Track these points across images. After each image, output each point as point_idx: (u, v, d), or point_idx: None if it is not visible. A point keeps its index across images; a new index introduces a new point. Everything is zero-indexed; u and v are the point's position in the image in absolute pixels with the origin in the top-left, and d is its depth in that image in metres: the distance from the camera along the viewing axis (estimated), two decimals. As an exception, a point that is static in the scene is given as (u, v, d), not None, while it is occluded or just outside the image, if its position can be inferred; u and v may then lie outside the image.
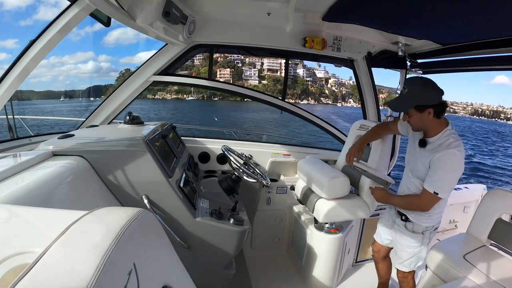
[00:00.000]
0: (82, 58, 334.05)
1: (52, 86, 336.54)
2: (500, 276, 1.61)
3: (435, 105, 1.37)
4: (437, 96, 1.38)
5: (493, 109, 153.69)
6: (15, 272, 0.50)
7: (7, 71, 1.35)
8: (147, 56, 2.53)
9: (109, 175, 1.25)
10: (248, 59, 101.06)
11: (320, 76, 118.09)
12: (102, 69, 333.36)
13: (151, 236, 0.64)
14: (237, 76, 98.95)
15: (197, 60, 52.14)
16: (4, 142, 1.56)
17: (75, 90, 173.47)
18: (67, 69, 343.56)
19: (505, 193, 1.94)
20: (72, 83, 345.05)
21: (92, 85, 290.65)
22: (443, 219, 2.91)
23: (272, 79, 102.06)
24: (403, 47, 2.24)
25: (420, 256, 1.62)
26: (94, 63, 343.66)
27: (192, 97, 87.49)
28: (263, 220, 2.46)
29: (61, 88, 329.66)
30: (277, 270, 2.30)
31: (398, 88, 2.47)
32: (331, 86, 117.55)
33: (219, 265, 1.48)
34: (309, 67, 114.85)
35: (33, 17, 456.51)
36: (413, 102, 1.38)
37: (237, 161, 1.79)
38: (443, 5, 1.33)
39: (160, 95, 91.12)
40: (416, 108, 1.39)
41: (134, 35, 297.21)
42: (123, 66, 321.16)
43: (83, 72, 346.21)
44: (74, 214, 0.56)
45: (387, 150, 2.03)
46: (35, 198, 0.88)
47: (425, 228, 1.57)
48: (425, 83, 1.40)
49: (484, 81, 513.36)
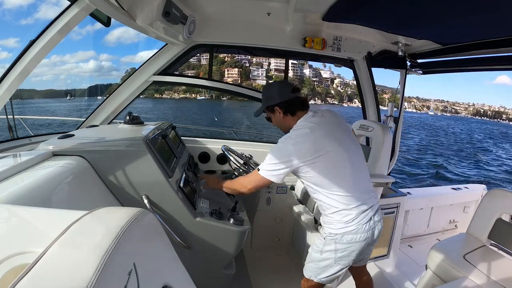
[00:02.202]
0: (83, 57, 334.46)
1: (54, 85, 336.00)
2: (500, 276, 1.61)
3: (280, 103, 1.38)
4: (281, 94, 1.38)
5: (495, 109, 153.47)
6: (15, 272, 0.50)
7: (7, 70, 1.35)
8: (148, 55, 2.52)
9: (109, 175, 1.25)
10: (256, 59, 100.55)
11: (326, 76, 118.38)
12: (103, 68, 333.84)
13: (151, 236, 0.64)
14: (245, 76, 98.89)
15: (203, 59, 52.66)
16: (4, 142, 1.56)
17: (76, 89, 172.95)
18: (68, 68, 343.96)
19: (505, 193, 1.94)
20: (74, 82, 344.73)
21: (100, 83, 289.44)
22: (443, 219, 2.94)
23: (280, 79, 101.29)
24: (403, 47, 2.24)
25: (323, 267, 1.37)
26: (95, 62, 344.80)
27: (203, 96, 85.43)
28: (263, 220, 2.46)
29: (62, 87, 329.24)
30: (277, 270, 2.29)
31: (398, 88, 2.47)
32: (337, 86, 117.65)
33: (219, 265, 1.48)
34: (315, 67, 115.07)
35: (34, 16, 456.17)
36: (263, 105, 1.47)
37: (237, 161, 1.79)
38: (443, 5, 1.33)
39: (168, 94, 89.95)
40: (269, 110, 1.44)
41: (135, 34, 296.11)
42: (124, 65, 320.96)
43: (84, 71, 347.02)
44: (74, 214, 0.56)
45: (387, 150, 2.03)
46: (35, 198, 0.88)
47: (328, 234, 1.34)
48: (268, 85, 1.51)
49: (486, 81, 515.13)
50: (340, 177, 1.28)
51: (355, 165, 1.33)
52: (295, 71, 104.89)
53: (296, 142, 1.26)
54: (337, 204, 1.28)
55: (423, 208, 2.76)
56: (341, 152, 1.29)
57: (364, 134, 2.23)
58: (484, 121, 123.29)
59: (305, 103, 1.41)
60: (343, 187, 1.27)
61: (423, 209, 2.77)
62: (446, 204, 2.87)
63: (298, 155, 1.24)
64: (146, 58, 2.84)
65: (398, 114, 2.48)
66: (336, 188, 1.27)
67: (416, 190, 3.01)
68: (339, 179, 1.28)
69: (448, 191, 2.96)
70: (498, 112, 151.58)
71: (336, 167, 1.28)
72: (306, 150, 1.25)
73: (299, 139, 1.27)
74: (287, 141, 1.28)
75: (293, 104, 1.38)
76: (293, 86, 1.42)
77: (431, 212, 2.83)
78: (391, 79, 2.92)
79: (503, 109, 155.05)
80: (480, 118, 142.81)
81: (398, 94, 2.45)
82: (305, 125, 1.31)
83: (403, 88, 2.43)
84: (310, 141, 1.26)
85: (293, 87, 1.42)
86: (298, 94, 1.41)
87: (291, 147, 1.26)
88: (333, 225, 1.32)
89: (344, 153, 1.30)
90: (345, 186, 1.28)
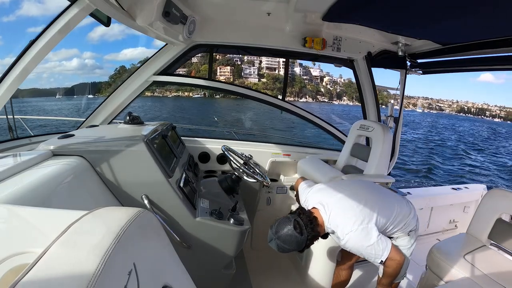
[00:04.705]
0: (66, 55, 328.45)
1: (37, 83, 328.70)
2: (500, 276, 1.61)
3: (308, 240, 1.35)
4: (298, 244, 1.34)
5: (479, 106, 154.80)
6: (15, 272, 0.50)
7: (7, 71, 1.35)
8: (132, 53, 2.47)
9: (109, 175, 1.25)
10: (247, 57, 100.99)
11: (316, 74, 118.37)
12: (86, 66, 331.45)
13: (151, 236, 0.64)
14: (237, 74, 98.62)
15: (195, 57, 51.34)
16: (4, 142, 1.56)
17: (60, 88, 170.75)
18: (51, 66, 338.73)
19: (505, 193, 1.94)
20: (57, 81, 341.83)
21: (84, 82, 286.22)
22: (443, 219, 2.94)
23: (271, 77, 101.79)
24: (403, 47, 2.24)
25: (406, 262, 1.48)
26: (78, 60, 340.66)
27: (198, 95, 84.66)
28: (263, 220, 2.46)
29: (45, 85, 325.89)
30: (277, 270, 2.29)
31: (398, 88, 2.47)
32: (326, 84, 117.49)
33: (219, 265, 1.48)
34: (305, 65, 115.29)
35: (16, 13, 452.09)
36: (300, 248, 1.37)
37: (237, 161, 1.79)
38: (443, 5, 1.33)
39: (160, 92, 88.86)
40: (308, 244, 1.39)
41: (119, 31, 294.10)
42: (107, 62, 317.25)
43: (67, 69, 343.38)
44: (74, 214, 0.56)
45: (387, 150, 2.03)
46: (35, 198, 0.88)
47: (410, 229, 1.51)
48: (285, 242, 1.36)
49: (470, 79, 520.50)
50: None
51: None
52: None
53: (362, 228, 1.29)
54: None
55: (423, 208, 2.77)
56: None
57: (364, 134, 2.23)
58: (475, 119, 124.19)
59: (311, 218, 1.36)
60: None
61: (423, 209, 2.77)
62: (446, 204, 2.87)
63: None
64: (129, 55, 2.83)
65: (398, 114, 2.48)
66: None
67: (416, 190, 3.01)
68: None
69: (448, 191, 2.96)
70: (482, 109, 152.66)
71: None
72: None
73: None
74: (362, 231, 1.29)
75: (314, 237, 1.37)
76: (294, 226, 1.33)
77: (431, 212, 2.83)
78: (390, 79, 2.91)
79: (486, 106, 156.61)
80: (464, 115, 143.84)
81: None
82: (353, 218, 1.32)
83: (403, 88, 2.43)
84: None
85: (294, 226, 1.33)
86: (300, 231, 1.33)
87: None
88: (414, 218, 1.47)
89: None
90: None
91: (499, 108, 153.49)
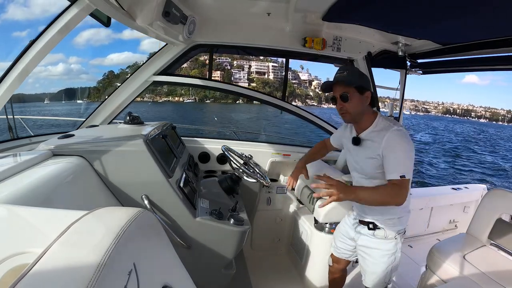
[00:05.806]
0: (52, 59, 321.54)
1: (23, 89, 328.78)
2: (500, 276, 1.61)
3: (371, 92, 1.32)
4: (370, 86, 1.34)
5: (464, 107, 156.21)
6: (15, 272, 0.50)
7: (7, 71, 1.35)
8: (118, 58, 2.44)
9: (109, 175, 1.25)
10: (236, 62, 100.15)
11: (304, 78, 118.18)
12: (72, 71, 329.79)
13: (151, 236, 0.64)
14: (227, 79, 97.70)
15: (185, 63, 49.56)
16: (4, 142, 1.56)
17: (46, 93, 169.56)
18: (37, 71, 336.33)
19: (505, 193, 1.94)
20: (42, 86, 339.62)
21: (70, 87, 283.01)
22: (443, 219, 2.94)
23: (261, 81, 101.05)
24: (403, 47, 2.24)
25: (394, 266, 1.43)
26: (64, 65, 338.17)
27: (190, 100, 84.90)
28: (263, 220, 2.46)
29: (31, 91, 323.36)
30: (277, 270, 2.29)
31: (398, 88, 2.47)
32: (315, 88, 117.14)
33: (219, 265, 1.47)
34: (293, 69, 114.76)
35: (1, 16, 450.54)
36: (355, 82, 1.28)
37: (237, 161, 1.79)
38: (443, 5, 1.33)
39: (150, 97, 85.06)
40: (358, 89, 1.28)
41: (105, 35, 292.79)
42: (93, 67, 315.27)
43: (53, 74, 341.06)
44: (74, 214, 0.56)
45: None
46: (35, 198, 0.88)
47: (397, 232, 1.39)
48: (359, 71, 1.44)
49: (456, 80, 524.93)
50: None
51: None
52: (276, 73, 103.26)
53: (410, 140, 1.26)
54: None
55: (423, 208, 2.77)
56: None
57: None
58: (461, 120, 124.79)
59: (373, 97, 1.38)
60: None
61: (423, 209, 2.77)
62: (446, 204, 2.87)
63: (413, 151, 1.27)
64: (116, 60, 2.83)
65: (398, 115, 2.49)
66: None
67: (416, 190, 3.01)
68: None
69: (448, 191, 2.96)
70: (467, 110, 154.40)
71: None
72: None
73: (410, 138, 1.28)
74: (407, 137, 1.25)
75: (375, 100, 1.39)
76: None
77: (431, 212, 2.83)
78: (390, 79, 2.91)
79: (472, 107, 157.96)
80: (450, 116, 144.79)
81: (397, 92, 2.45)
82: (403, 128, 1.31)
83: (403, 88, 2.43)
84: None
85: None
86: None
87: (412, 143, 1.25)
88: (402, 222, 1.40)
89: None
90: None
91: (484, 109, 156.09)
